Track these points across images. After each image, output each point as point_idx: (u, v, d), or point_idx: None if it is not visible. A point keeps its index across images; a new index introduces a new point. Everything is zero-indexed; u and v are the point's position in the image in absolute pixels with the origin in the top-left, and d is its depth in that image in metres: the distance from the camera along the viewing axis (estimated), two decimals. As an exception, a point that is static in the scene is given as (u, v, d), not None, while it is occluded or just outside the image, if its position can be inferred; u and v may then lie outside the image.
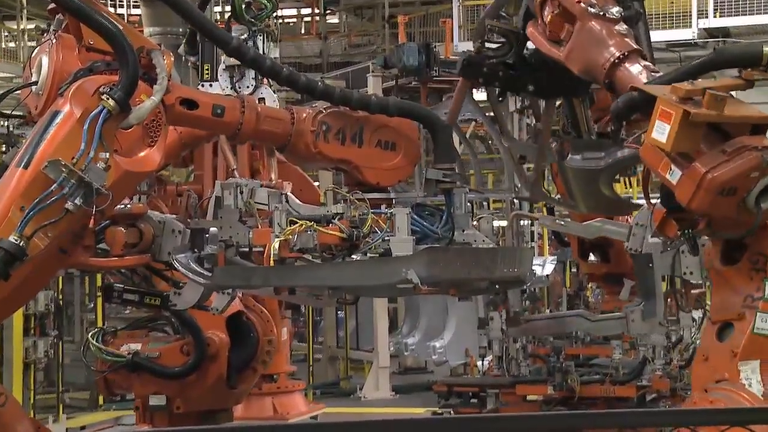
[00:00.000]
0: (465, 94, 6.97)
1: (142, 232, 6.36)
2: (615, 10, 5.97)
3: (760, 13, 18.21)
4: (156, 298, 6.64)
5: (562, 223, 9.56)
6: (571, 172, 7.36)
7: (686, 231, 5.58)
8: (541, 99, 7.14)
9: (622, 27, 5.94)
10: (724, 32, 18.72)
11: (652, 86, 5.52)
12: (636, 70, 5.74)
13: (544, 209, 10.88)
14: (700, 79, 5.40)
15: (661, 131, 5.19)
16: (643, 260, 6.93)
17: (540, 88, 6.48)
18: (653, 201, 6.33)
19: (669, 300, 7.47)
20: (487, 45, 6.70)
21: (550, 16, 6.09)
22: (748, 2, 18.27)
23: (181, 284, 6.46)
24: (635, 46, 5.89)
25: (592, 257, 11.03)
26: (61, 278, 13.28)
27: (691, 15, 18.56)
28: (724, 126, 5.27)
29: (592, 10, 5.90)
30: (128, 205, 6.44)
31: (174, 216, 6.48)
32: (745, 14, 18.29)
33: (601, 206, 7.39)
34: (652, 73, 5.74)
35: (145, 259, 6.41)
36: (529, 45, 6.58)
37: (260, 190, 6.21)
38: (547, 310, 13.21)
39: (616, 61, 5.75)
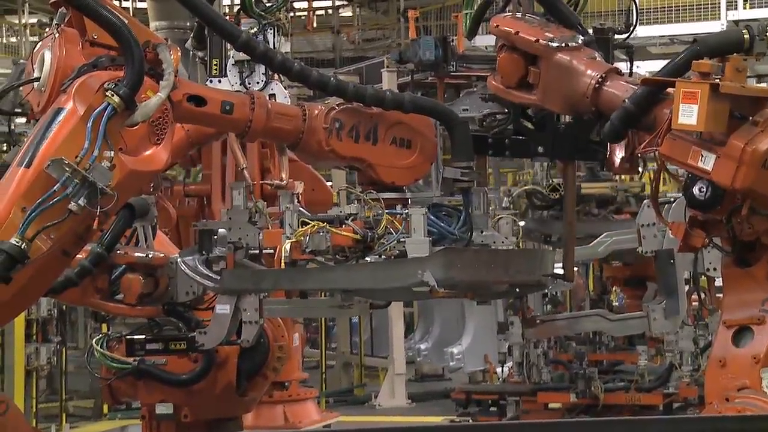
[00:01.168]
0: (486, 169, 6.85)
1: (158, 281, 6.54)
2: (577, 39, 5.84)
3: (791, 4, 18.12)
4: (181, 343, 6.74)
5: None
6: None
7: (715, 236, 5.40)
8: (554, 160, 7.03)
9: (589, 52, 5.81)
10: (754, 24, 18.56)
11: (660, 77, 5.39)
12: (620, 87, 5.61)
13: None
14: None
15: (688, 114, 5.04)
16: (665, 257, 6.76)
17: (549, 150, 6.35)
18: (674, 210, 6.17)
19: (694, 300, 7.32)
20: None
21: (498, 63, 5.97)
22: (778, -8, 18.17)
23: (203, 321, 6.46)
24: (610, 66, 5.76)
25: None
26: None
27: (719, 6, 18.44)
28: (739, 109, 5.11)
29: (554, 44, 5.76)
30: (150, 255, 6.59)
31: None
32: (776, 6, 18.19)
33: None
34: (635, 86, 5.60)
35: (156, 311, 6.62)
36: None
37: None
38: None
39: (597, 84, 5.60)
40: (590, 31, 6.28)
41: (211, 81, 8.73)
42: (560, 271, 6.61)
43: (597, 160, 6.99)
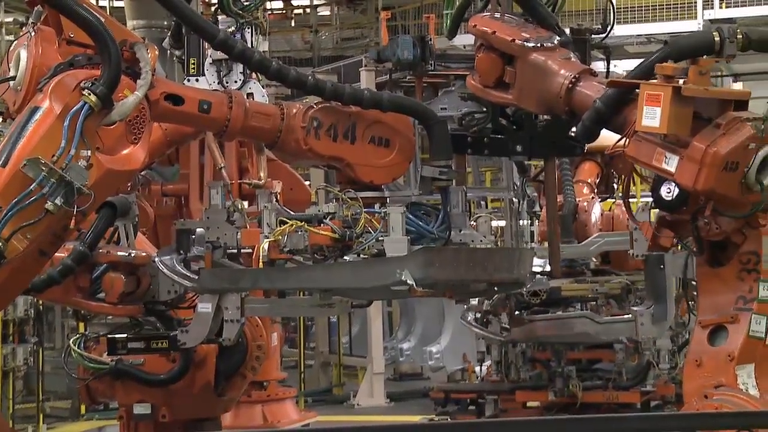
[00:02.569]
0: (464, 168, 6.88)
1: (140, 280, 6.52)
2: (553, 39, 5.89)
3: (767, 4, 18.20)
4: (163, 341, 6.70)
5: (562, 251, 9.45)
6: None
7: (692, 234, 5.43)
8: (532, 159, 7.07)
9: (564, 52, 5.86)
10: (730, 23, 18.63)
11: (628, 79, 5.43)
12: (592, 87, 5.66)
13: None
14: None
15: (651, 116, 5.12)
16: (655, 261, 6.79)
17: (528, 149, 6.37)
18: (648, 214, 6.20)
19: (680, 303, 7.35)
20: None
21: (477, 62, 6.02)
22: (755, -8, 18.26)
23: (185, 320, 6.44)
24: (584, 66, 5.82)
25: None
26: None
27: (696, 6, 18.51)
28: (705, 111, 5.18)
29: (530, 44, 5.81)
30: (132, 254, 6.56)
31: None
32: (752, 5, 18.26)
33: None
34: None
35: (138, 310, 6.58)
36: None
37: None
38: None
39: (570, 84, 5.66)
40: (567, 31, 6.30)
41: (188, 80, 8.69)
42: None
43: (575, 155, 7.01)
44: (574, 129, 6.07)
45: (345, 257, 5.86)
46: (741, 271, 5.31)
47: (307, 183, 10.51)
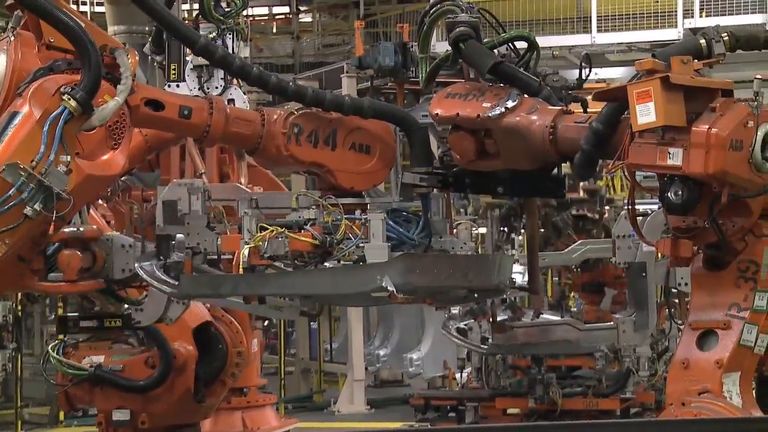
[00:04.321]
0: (451, 206, 6.86)
1: (96, 255, 6.31)
2: (514, 95, 5.80)
3: (747, 13, 18.30)
4: (116, 320, 6.58)
5: (544, 258, 9.47)
6: None
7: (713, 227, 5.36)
8: (513, 198, 7.03)
9: (530, 104, 5.79)
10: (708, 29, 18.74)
11: (611, 88, 5.44)
12: (575, 120, 5.64)
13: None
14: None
15: (645, 112, 5.11)
16: (637, 269, 6.78)
17: (508, 189, 6.37)
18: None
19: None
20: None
21: (451, 143, 5.96)
22: (734, 2, 18.34)
23: (140, 299, 6.30)
24: (555, 109, 5.75)
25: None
26: (20, 288, 13.04)
27: (676, 14, 18.61)
28: (690, 111, 5.15)
29: (495, 112, 5.75)
30: (81, 229, 6.36)
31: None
32: (732, 14, 18.36)
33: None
34: (584, 122, 5.62)
35: (99, 284, 6.36)
36: None
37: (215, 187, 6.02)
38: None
39: (550, 134, 5.62)
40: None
41: (169, 85, 8.66)
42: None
43: (557, 197, 6.96)
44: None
45: (325, 263, 5.84)
46: (738, 278, 5.28)
47: (288, 189, 10.47)
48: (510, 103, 5.75)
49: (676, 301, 7.05)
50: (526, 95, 5.84)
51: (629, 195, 5.70)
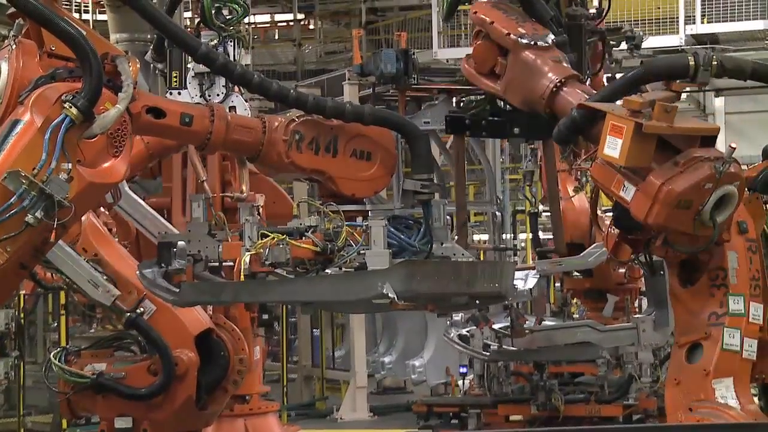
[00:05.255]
0: (463, 149, 6.89)
1: None
2: (548, 38, 5.90)
3: (749, 19, 18.32)
4: None
5: (560, 264, 9.48)
6: None
7: (640, 254, 5.51)
8: (529, 140, 7.06)
9: (555, 54, 5.87)
10: (712, 38, 18.83)
11: (598, 104, 5.48)
12: (575, 95, 5.69)
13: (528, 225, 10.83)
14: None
15: (613, 147, 5.17)
16: (654, 268, 6.81)
17: (526, 131, 6.40)
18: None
19: None
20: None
21: (473, 49, 6.06)
22: (736, 8, 18.36)
23: None
24: (572, 72, 5.83)
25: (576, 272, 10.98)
26: (22, 296, 13.06)
27: (678, 21, 18.62)
28: (673, 141, 5.23)
29: (524, 41, 5.83)
30: None
31: None
32: (733, 20, 18.38)
33: None
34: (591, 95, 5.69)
35: None
36: None
37: None
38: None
39: (555, 88, 5.69)
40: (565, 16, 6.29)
41: (170, 93, 8.67)
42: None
43: (572, 143, 6.97)
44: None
45: (326, 270, 5.85)
46: (711, 287, 5.34)
47: (290, 196, 10.48)
48: (541, 42, 5.80)
49: None
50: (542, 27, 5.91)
51: (593, 193, 5.78)
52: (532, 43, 5.82)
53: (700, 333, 5.32)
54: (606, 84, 7.49)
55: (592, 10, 7.56)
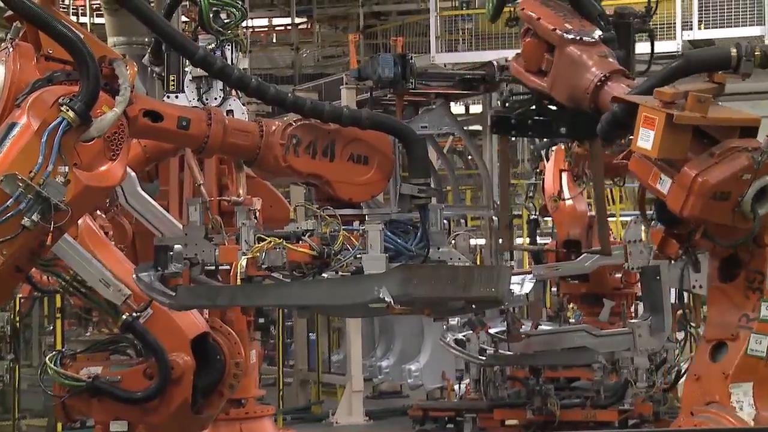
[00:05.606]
0: (508, 149, 6.82)
1: None
2: (595, 34, 5.87)
3: (745, 25, 18.34)
4: None
5: (557, 268, 9.49)
6: None
7: (687, 248, 5.43)
8: (576, 141, 7.03)
9: (601, 50, 5.84)
10: (709, 44, 18.83)
11: (632, 96, 5.41)
12: (620, 89, 5.62)
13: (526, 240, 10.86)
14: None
15: (645, 139, 5.09)
16: (651, 273, 6.79)
17: (572, 131, 6.35)
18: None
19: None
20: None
21: (522, 46, 6.04)
22: (732, 14, 18.38)
23: None
24: (617, 67, 5.78)
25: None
26: (18, 299, 13.04)
27: (675, 27, 18.64)
28: (711, 132, 5.15)
29: (569, 36, 5.82)
30: None
31: None
32: (730, 26, 18.40)
33: None
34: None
35: None
36: None
37: None
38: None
39: (599, 83, 5.64)
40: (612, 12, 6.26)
41: (168, 96, 8.67)
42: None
43: (619, 138, 6.92)
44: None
45: (323, 274, 5.84)
46: (747, 289, 5.28)
47: (286, 200, 10.47)
48: (587, 38, 5.76)
49: (692, 304, 7.04)
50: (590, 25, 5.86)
51: (640, 193, 5.71)
52: (578, 38, 5.76)
53: (728, 333, 5.26)
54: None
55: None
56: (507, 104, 6.23)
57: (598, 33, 5.88)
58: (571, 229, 11.11)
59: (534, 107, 6.43)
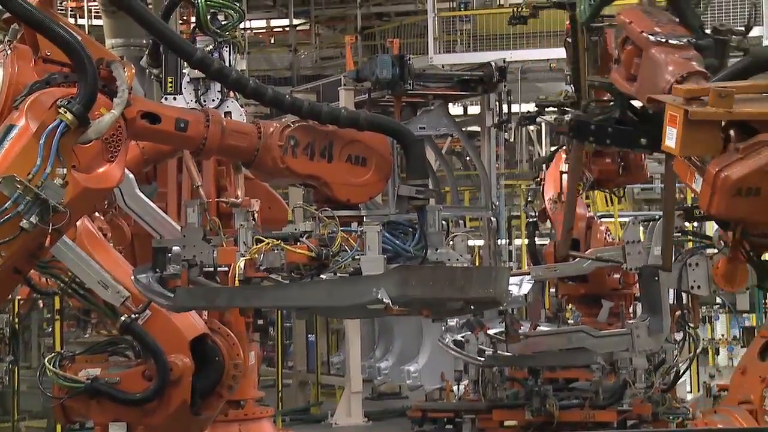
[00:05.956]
0: (582, 156, 6.65)
1: None
2: (683, 38, 5.71)
3: (744, 26, 18.31)
4: None
5: (556, 269, 9.48)
6: None
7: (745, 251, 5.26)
8: (655, 153, 6.88)
9: (688, 53, 5.65)
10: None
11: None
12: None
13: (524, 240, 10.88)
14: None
15: (671, 137, 5.01)
16: (649, 274, 6.73)
17: (652, 143, 6.23)
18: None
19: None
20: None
21: (624, 54, 5.88)
22: (731, 15, 18.37)
23: None
24: (698, 69, 5.53)
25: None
26: (17, 301, 13.04)
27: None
28: (761, 128, 4.99)
29: (653, 38, 5.66)
30: None
31: None
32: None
33: None
34: None
35: None
36: None
37: None
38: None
39: (675, 83, 5.40)
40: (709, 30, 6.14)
41: (166, 98, 8.67)
42: None
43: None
44: None
45: (321, 276, 5.84)
46: None
47: (285, 202, 10.49)
48: (673, 41, 5.64)
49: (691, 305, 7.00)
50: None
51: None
52: (663, 40, 5.60)
53: None
54: None
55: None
56: (587, 110, 6.08)
57: (688, 38, 5.70)
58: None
59: (617, 114, 6.28)
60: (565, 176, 11.60)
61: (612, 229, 15.50)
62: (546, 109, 11.57)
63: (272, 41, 27.85)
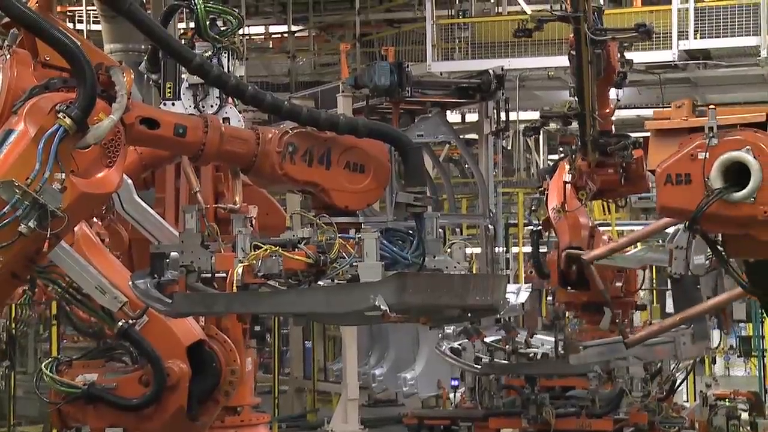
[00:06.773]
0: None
1: None
2: None
3: (741, 35, 18.39)
4: None
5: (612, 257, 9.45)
6: None
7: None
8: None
9: None
10: (705, 54, 18.89)
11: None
12: None
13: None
14: None
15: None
16: (691, 282, 6.73)
17: None
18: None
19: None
20: None
21: None
22: (728, 24, 18.43)
23: None
24: None
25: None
26: (13, 306, 13.03)
27: (671, 36, 18.69)
28: None
29: None
30: None
31: None
32: (726, 36, 18.45)
33: None
34: None
35: None
36: None
37: None
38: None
39: None
40: None
41: (164, 104, 8.66)
42: None
43: None
44: None
45: (319, 282, 5.85)
46: None
47: (283, 208, 10.49)
48: None
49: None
50: None
51: None
52: None
53: None
54: None
55: None
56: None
57: None
58: (573, 237, 11.17)
59: None
60: (568, 186, 11.66)
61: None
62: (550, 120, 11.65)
63: (270, 46, 27.85)
